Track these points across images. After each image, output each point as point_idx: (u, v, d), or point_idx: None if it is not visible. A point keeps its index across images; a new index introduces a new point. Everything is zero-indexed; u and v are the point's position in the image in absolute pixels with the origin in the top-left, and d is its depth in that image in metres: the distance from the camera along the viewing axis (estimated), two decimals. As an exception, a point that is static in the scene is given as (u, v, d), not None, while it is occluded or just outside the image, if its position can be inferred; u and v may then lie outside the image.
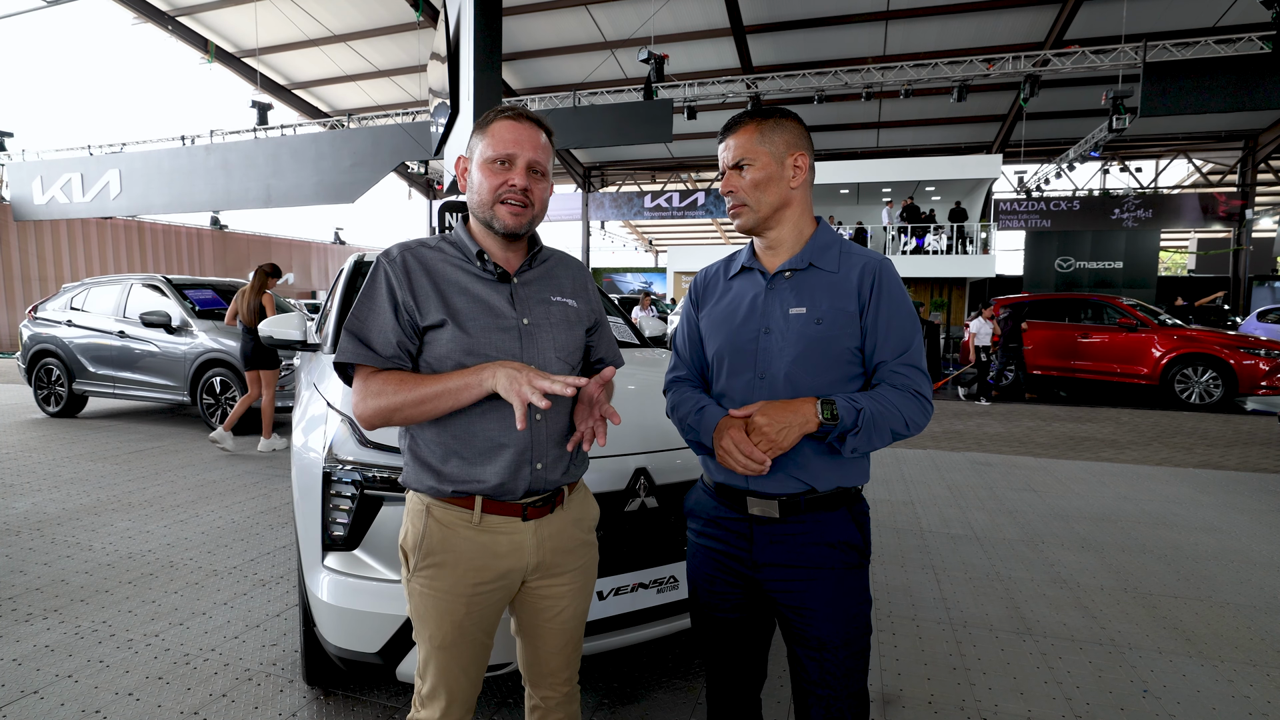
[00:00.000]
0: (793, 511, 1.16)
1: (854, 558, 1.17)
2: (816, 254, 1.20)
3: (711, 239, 35.83)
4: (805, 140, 1.20)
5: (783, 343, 1.16)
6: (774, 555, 1.17)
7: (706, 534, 1.25)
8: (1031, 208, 16.59)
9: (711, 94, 13.43)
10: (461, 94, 5.54)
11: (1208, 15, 11.94)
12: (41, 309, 7.24)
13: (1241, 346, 8.17)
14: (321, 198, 12.94)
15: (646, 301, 12.95)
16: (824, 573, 1.15)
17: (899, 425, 1.11)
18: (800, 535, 1.16)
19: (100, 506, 3.85)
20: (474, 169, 1.16)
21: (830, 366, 1.15)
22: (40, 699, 1.98)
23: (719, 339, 1.24)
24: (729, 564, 1.22)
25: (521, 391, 1.00)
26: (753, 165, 1.17)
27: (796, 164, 1.18)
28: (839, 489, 1.17)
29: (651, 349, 3.09)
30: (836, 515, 1.17)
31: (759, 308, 1.20)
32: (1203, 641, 2.40)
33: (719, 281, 1.30)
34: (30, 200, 14.74)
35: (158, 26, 14.78)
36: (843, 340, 1.15)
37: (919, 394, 1.13)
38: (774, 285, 1.20)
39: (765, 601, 1.22)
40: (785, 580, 1.16)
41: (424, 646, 1.16)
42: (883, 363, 1.15)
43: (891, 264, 1.19)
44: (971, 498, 4.22)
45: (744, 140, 1.18)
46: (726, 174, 1.20)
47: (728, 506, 1.21)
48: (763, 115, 1.19)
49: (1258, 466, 5.16)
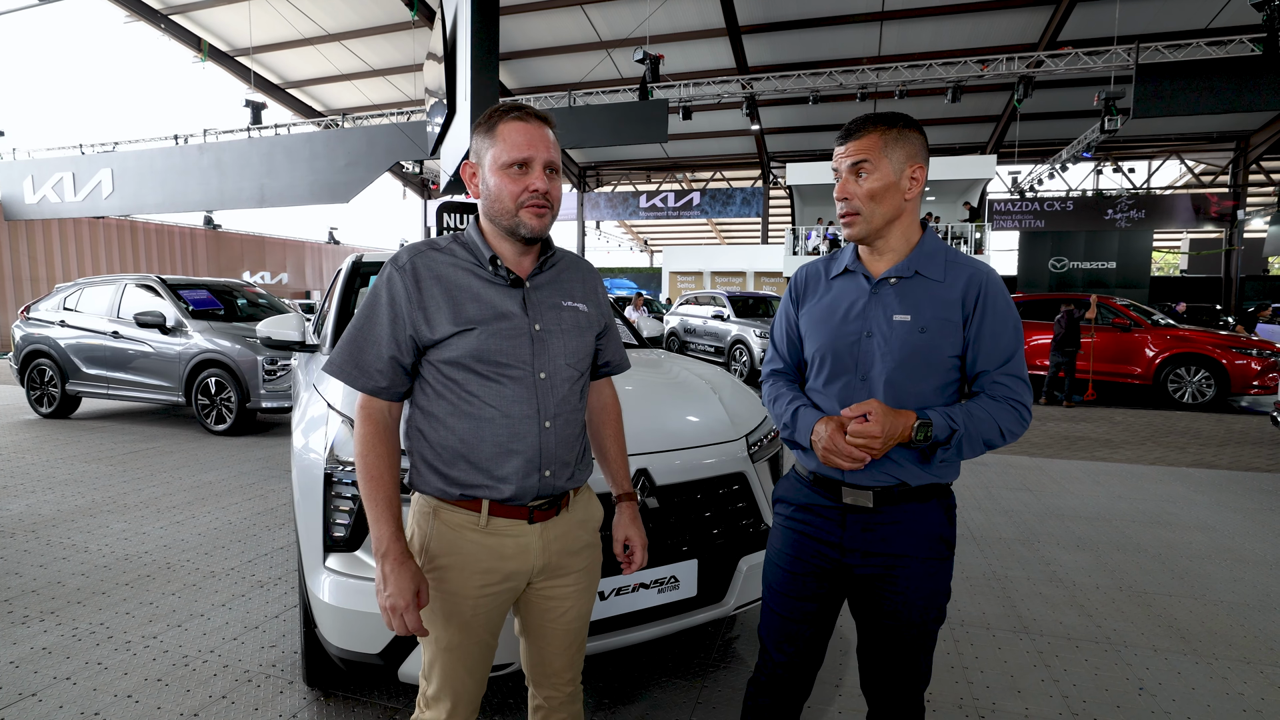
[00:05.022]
0: (886, 502, 1.19)
1: (941, 549, 1.21)
2: (923, 262, 1.19)
3: (707, 239, 35.87)
4: (925, 151, 1.19)
5: (885, 348, 1.17)
6: (864, 542, 1.20)
7: (797, 519, 1.28)
8: (1025, 208, 16.70)
9: (707, 94, 13.46)
10: (458, 94, 5.53)
11: (1199, 17, 12.04)
12: (34, 309, 7.19)
13: (1234, 346, 8.24)
14: (316, 198, 12.90)
15: (639, 302, 12.96)
16: (912, 561, 1.19)
17: (994, 436, 1.13)
18: (891, 525, 1.19)
19: (96, 508, 3.83)
20: (489, 175, 1.13)
21: (930, 374, 1.17)
22: (39, 701, 1.97)
23: (819, 339, 1.24)
24: (818, 547, 1.24)
25: (391, 619, 1.06)
26: (872, 174, 1.16)
27: (914, 176, 1.17)
28: (931, 484, 1.20)
29: (650, 349, 3.09)
30: (928, 507, 1.20)
31: (862, 311, 1.20)
32: (1197, 639, 2.42)
33: (820, 281, 1.31)
34: (21, 200, 14.64)
35: (150, 25, 14.70)
36: (945, 349, 1.16)
37: (1020, 404, 1.15)
38: (878, 290, 1.20)
39: (846, 586, 1.26)
40: (873, 565, 1.20)
41: (429, 648, 1.16)
42: (985, 372, 1.17)
43: (998, 275, 1.19)
44: (967, 497, 4.24)
45: (866, 146, 1.16)
46: (843, 177, 1.19)
47: (822, 494, 1.24)
48: (888, 123, 1.16)
49: (1250, 465, 5.20)
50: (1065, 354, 8.32)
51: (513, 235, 1.14)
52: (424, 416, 1.15)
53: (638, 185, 22.07)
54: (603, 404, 1.36)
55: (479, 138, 1.15)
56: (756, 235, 27.27)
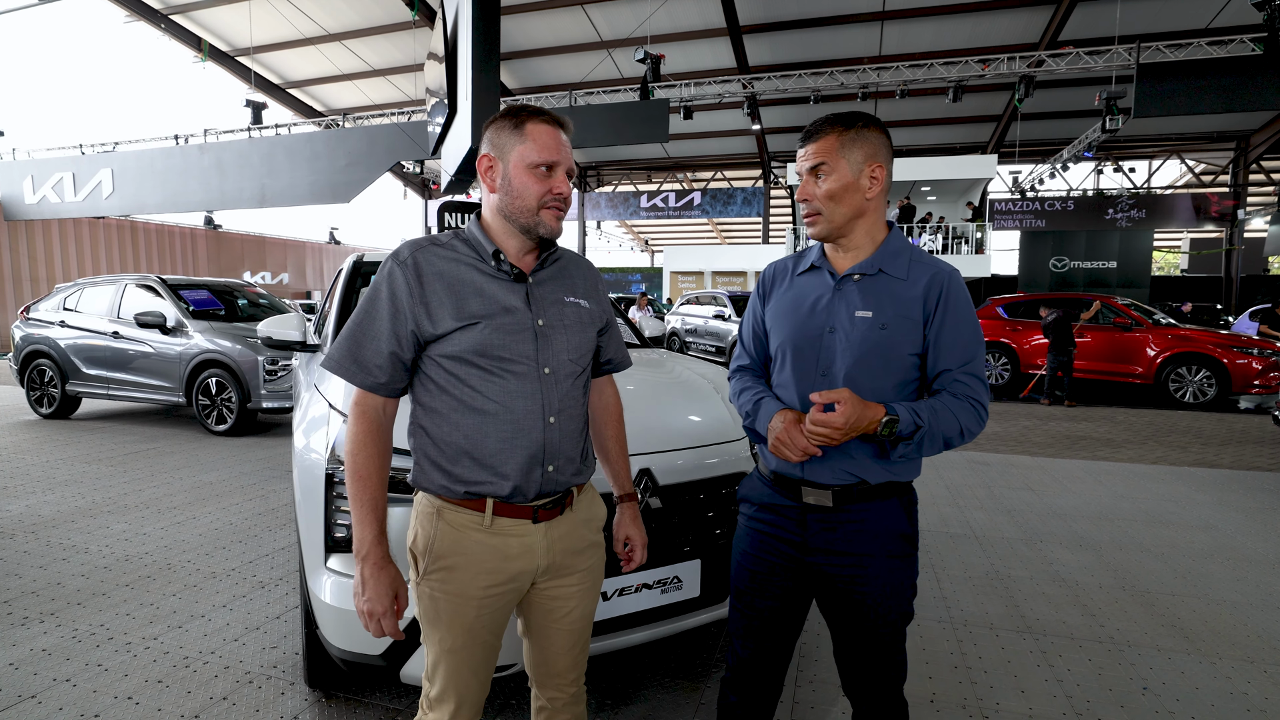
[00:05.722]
0: (847, 501, 1.20)
1: (903, 546, 1.22)
2: (887, 260, 1.21)
3: (708, 239, 35.86)
4: (886, 149, 1.20)
5: (846, 344, 1.19)
6: (826, 541, 1.21)
7: (759, 519, 1.29)
8: (1026, 208, 16.69)
9: (707, 94, 13.45)
10: (459, 94, 5.53)
11: (1200, 17, 12.03)
12: (34, 309, 7.19)
13: (1234, 346, 8.23)
14: (316, 198, 12.90)
15: (643, 302, 12.96)
16: (876, 560, 1.19)
17: (954, 434, 1.14)
18: (852, 523, 1.20)
19: (96, 509, 3.82)
20: (512, 171, 1.12)
21: (890, 371, 1.18)
22: (38, 703, 1.97)
23: (783, 332, 1.26)
24: (780, 547, 1.25)
25: (368, 622, 1.08)
26: (830, 175, 1.17)
27: (874, 175, 1.18)
28: (891, 481, 1.20)
29: (652, 349, 3.08)
30: (888, 505, 1.21)
31: (825, 307, 1.22)
32: (1200, 639, 2.41)
33: (786, 277, 1.32)
34: (21, 200, 14.64)
35: (150, 25, 14.69)
36: (904, 346, 1.18)
37: (979, 403, 1.16)
38: (842, 287, 1.22)
39: (810, 585, 1.26)
40: (836, 564, 1.21)
41: (433, 649, 1.15)
42: (946, 371, 1.18)
43: (960, 275, 1.21)
44: (970, 497, 4.23)
45: (824, 148, 1.18)
46: (803, 179, 1.21)
47: (783, 494, 1.25)
48: (845, 123, 1.18)
49: (1251, 464, 5.19)
50: (1065, 354, 8.36)
51: (528, 234, 1.15)
52: (427, 413, 1.14)
53: (638, 185, 22.07)
54: (605, 403, 1.36)
55: (503, 133, 1.13)
56: (757, 235, 27.28)
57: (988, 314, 10.30)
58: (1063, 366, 8.37)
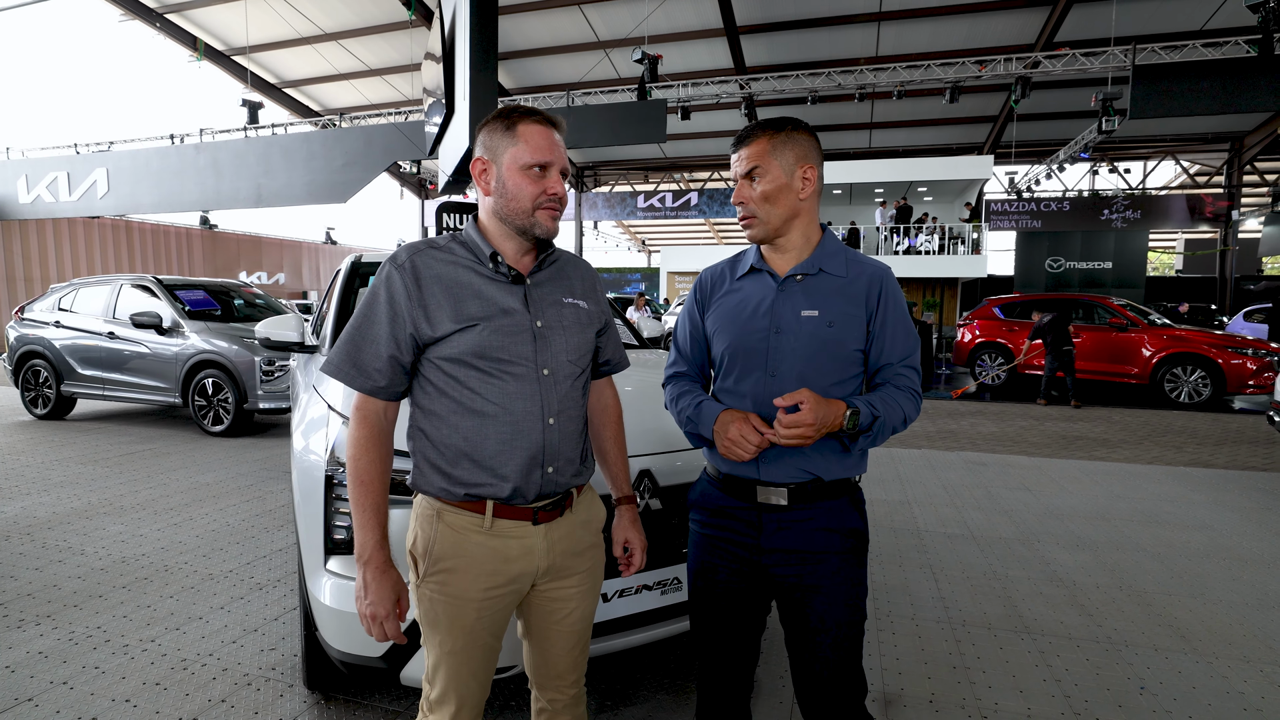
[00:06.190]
0: (801, 499, 1.21)
1: (856, 543, 1.24)
2: (826, 259, 1.24)
3: (705, 239, 35.89)
4: (815, 152, 1.24)
5: (795, 343, 1.20)
6: (781, 541, 1.22)
7: (712, 524, 1.29)
8: (1022, 208, 16.73)
9: (705, 94, 13.45)
10: (457, 93, 5.51)
11: (1195, 18, 12.08)
12: (29, 310, 7.15)
13: (1229, 346, 8.27)
14: (313, 197, 12.85)
15: (641, 302, 12.95)
16: (829, 557, 1.21)
17: (899, 422, 1.20)
18: (807, 522, 1.21)
19: (92, 510, 3.81)
20: (506, 173, 1.12)
21: (838, 367, 1.21)
22: (35, 706, 1.96)
23: (727, 337, 1.26)
24: (735, 551, 1.25)
25: (370, 626, 1.09)
26: (763, 178, 1.21)
27: (806, 176, 1.21)
28: (842, 479, 1.22)
29: (650, 350, 3.09)
30: (840, 503, 1.23)
31: (770, 308, 1.23)
32: (1197, 638, 2.43)
33: (725, 281, 1.33)
34: (15, 199, 14.54)
35: (145, 24, 14.61)
36: (851, 343, 1.21)
37: (917, 393, 1.23)
38: (785, 288, 1.24)
39: (766, 588, 1.26)
40: (791, 565, 1.21)
41: (433, 652, 1.15)
42: (889, 364, 1.23)
43: (893, 272, 1.26)
44: (967, 497, 4.24)
45: (755, 152, 1.21)
46: (739, 184, 1.24)
47: (736, 496, 1.25)
48: (775, 127, 1.22)
49: (1246, 464, 5.22)
50: (1063, 355, 8.35)
51: (524, 235, 1.15)
52: (426, 416, 1.14)
53: (635, 185, 22.06)
54: (603, 405, 1.36)
55: (495, 135, 1.14)
56: (754, 235, 27.18)
57: (985, 314, 10.34)
58: (1063, 367, 8.37)
